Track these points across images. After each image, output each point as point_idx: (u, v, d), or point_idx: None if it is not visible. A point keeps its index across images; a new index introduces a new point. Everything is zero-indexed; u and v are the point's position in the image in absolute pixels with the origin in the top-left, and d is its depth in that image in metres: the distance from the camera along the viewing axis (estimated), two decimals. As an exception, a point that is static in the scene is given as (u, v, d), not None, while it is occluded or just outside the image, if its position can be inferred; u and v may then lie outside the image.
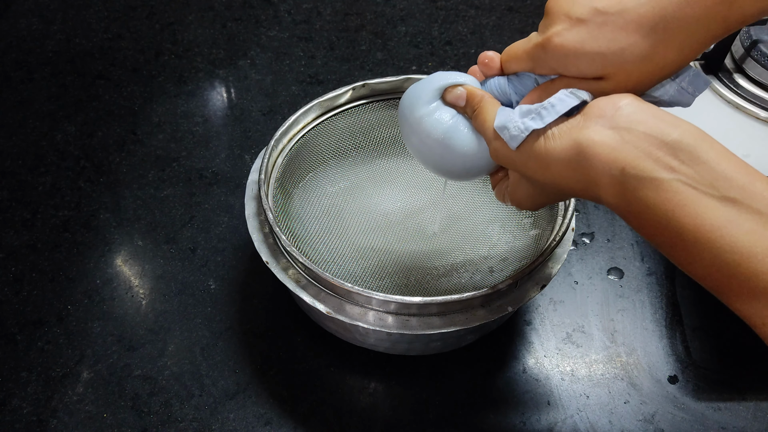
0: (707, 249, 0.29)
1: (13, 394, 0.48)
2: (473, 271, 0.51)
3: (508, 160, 0.36)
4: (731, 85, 0.61)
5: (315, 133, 0.55)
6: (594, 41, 0.33)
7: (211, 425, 0.47)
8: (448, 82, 0.40)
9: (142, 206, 0.62)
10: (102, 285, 0.55)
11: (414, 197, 0.56)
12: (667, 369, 0.51)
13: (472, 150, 0.40)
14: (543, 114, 0.33)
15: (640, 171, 0.30)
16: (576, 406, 0.49)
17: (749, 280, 0.28)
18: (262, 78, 0.75)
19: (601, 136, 0.31)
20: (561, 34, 0.34)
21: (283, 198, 0.52)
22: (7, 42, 0.79)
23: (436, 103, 0.40)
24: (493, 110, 0.37)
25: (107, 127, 0.69)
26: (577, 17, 0.33)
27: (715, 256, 0.28)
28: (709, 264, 0.29)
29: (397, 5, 0.86)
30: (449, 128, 0.40)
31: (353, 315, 0.43)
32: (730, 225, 0.28)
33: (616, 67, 0.33)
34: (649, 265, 0.57)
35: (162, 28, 0.82)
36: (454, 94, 0.40)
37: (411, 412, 0.48)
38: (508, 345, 0.52)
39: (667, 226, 0.29)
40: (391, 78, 0.56)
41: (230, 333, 0.52)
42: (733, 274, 0.28)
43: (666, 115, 0.31)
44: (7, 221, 0.60)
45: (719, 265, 0.28)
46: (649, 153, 0.30)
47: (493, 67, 0.39)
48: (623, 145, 0.30)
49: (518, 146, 0.35)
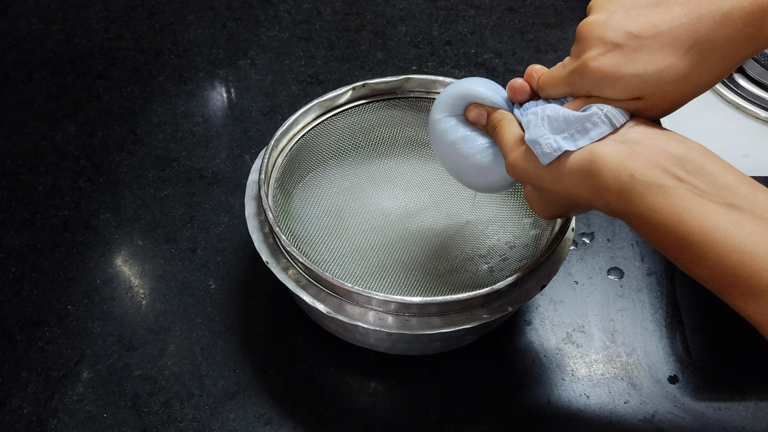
0: (712, 250, 0.30)
1: (13, 394, 0.48)
2: (473, 271, 0.51)
3: (524, 174, 0.37)
4: (731, 85, 0.61)
5: (315, 133, 0.55)
6: (631, 64, 0.34)
7: (211, 425, 0.47)
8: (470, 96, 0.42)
9: (142, 206, 0.62)
10: (102, 285, 0.55)
11: (414, 197, 0.56)
12: (667, 369, 0.51)
13: (488, 163, 0.41)
14: (576, 138, 0.35)
15: (648, 178, 0.31)
16: (576, 406, 0.49)
17: (752, 279, 0.29)
18: (262, 78, 0.75)
19: (611, 147, 0.33)
20: (597, 58, 0.35)
21: (283, 198, 0.52)
22: (7, 42, 0.79)
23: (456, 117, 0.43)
24: (511, 128, 0.39)
25: (107, 127, 0.69)
26: (611, 42, 0.34)
27: (720, 257, 0.29)
28: (714, 265, 0.30)
29: (397, 5, 0.86)
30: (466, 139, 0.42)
31: (353, 315, 0.43)
32: (734, 227, 0.29)
33: (654, 88, 0.34)
34: (649, 265, 0.57)
35: (162, 28, 0.82)
36: (475, 114, 0.42)
37: (411, 412, 0.48)
38: (508, 345, 0.52)
39: (674, 230, 0.31)
40: (391, 78, 0.56)
41: (230, 333, 0.52)
42: (737, 273, 0.29)
43: (673, 134, 0.33)
44: (7, 221, 0.60)
45: (723, 266, 0.29)
46: (657, 163, 0.31)
47: (525, 92, 0.40)
48: (633, 155, 0.32)
49: (534, 159, 0.36)
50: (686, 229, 0.30)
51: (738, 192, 0.30)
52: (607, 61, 0.34)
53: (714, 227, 0.29)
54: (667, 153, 0.32)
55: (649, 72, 0.33)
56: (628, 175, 0.32)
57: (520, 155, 0.37)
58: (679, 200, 0.30)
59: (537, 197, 0.39)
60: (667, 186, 0.31)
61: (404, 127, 0.58)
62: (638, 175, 0.31)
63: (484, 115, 0.41)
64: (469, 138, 0.42)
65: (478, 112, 0.41)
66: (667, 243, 0.31)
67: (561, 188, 0.35)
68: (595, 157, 0.33)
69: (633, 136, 0.33)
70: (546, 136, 0.35)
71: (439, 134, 0.43)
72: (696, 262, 0.31)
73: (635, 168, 0.32)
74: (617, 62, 0.34)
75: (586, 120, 0.35)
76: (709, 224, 0.30)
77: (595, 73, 0.35)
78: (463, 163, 0.42)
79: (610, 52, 0.34)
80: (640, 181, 0.31)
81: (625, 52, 0.34)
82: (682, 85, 0.34)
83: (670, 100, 0.35)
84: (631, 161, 0.32)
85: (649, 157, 0.32)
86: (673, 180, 0.31)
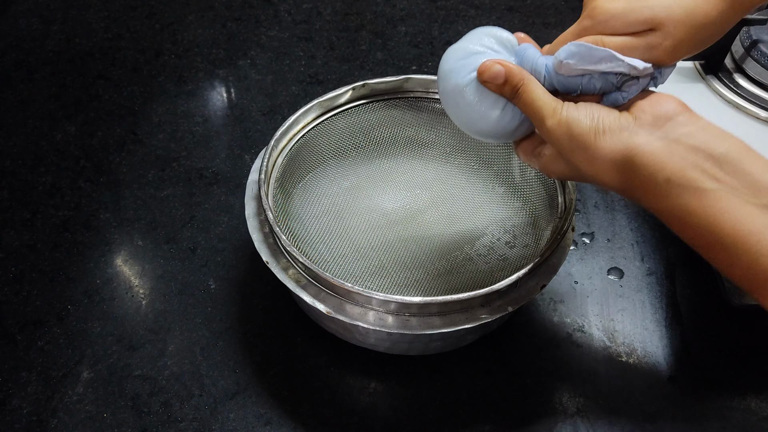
0: (746, 253, 0.30)
1: (13, 394, 0.48)
2: (473, 271, 0.51)
3: (558, 143, 0.36)
4: (731, 85, 0.61)
5: (315, 133, 0.55)
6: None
7: (211, 425, 0.47)
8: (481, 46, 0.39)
9: (142, 206, 0.62)
10: (102, 285, 0.55)
11: (414, 197, 0.56)
12: (667, 369, 0.51)
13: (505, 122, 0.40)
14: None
15: (685, 181, 0.31)
16: (576, 406, 0.49)
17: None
18: (262, 78, 0.75)
19: (651, 146, 0.32)
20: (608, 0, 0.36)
21: (283, 198, 0.52)
22: (7, 42, 0.79)
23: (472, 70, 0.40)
24: (538, 89, 0.37)
25: (107, 127, 0.69)
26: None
27: (753, 260, 0.29)
28: (747, 266, 0.30)
29: (397, 5, 0.86)
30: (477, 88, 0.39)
31: (353, 315, 0.43)
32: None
33: (666, 14, 0.34)
34: (649, 265, 0.57)
35: (162, 28, 0.82)
36: (491, 73, 0.38)
37: (411, 412, 0.48)
38: (508, 345, 0.52)
39: (707, 231, 0.31)
40: (391, 78, 0.56)
41: (230, 333, 0.52)
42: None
43: (714, 128, 0.33)
44: (7, 221, 0.60)
45: (756, 269, 0.29)
46: (696, 164, 0.31)
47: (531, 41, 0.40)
48: (672, 156, 0.32)
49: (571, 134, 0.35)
50: (720, 231, 0.30)
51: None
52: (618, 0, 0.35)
53: (748, 230, 0.29)
54: (706, 153, 0.31)
55: (658, 0, 0.34)
56: (665, 177, 0.31)
57: (558, 125, 0.35)
58: (714, 202, 0.30)
59: (560, 164, 0.38)
60: (704, 188, 0.31)
61: (404, 127, 0.58)
62: (675, 178, 0.31)
63: (502, 74, 0.38)
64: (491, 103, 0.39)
65: (497, 69, 0.38)
66: (700, 242, 0.31)
67: (591, 170, 0.35)
68: (634, 153, 0.33)
69: (673, 131, 0.33)
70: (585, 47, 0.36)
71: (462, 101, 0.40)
72: (728, 262, 0.31)
73: (673, 170, 0.31)
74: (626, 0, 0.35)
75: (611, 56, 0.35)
76: (744, 227, 0.29)
77: (606, 11, 0.35)
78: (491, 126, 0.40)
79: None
80: (676, 184, 0.31)
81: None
82: (694, 11, 0.34)
83: (683, 29, 0.34)
84: (669, 162, 0.32)
85: (687, 158, 0.31)
86: (711, 181, 0.31)
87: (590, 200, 0.63)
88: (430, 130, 0.58)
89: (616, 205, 0.62)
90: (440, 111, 0.57)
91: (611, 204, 0.62)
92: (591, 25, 0.36)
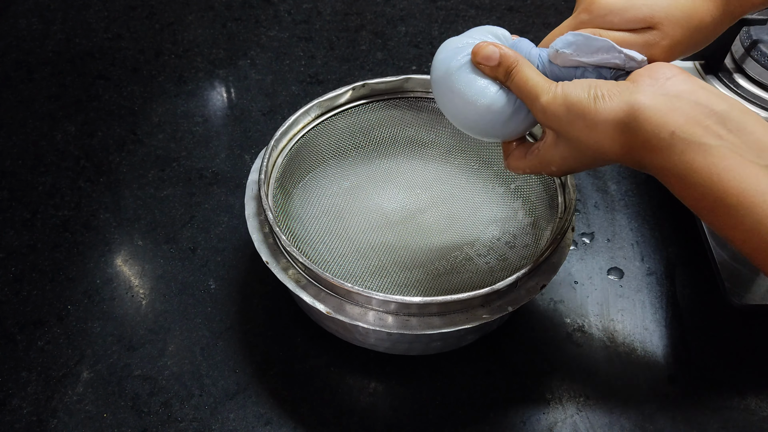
0: (749, 214, 0.29)
1: (13, 394, 0.48)
2: (473, 271, 0.51)
3: (554, 120, 0.35)
4: (731, 85, 0.61)
5: (315, 133, 0.55)
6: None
7: (211, 425, 0.47)
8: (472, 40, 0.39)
9: (142, 206, 0.62)
10: (102, 285, 0.55)
11: (414, 197, 0.56)
12: (667, 369, 0.51)
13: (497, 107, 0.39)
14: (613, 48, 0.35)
15: (689, 135, 0.30)
16: (576, 406, 0.49)
17: None
18: (262, 78, 0.75)
19: (653, 100, 0.32)
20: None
21: (283, 198, 0.52)
22: (7, 42, 0.79)
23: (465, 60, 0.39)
24: (531, 70, 0.37)
25: (107, 127, 0.69)
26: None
27: (756, 222, 0.29)
28: (750, 229, 0.29)
29: (397, 5, 0.86)
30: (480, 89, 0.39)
31: (353, 315, 0.43)
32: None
33: (664, 14, 0.35)
34: (649, 265, 0.57)
35: (162, 28, 0.82)
36: (485, 53, 0.37)
37: (411, 412, 0.48)
38: (508, 345, 0.52)
39: (711, 190, 0.30)
40: (391, 78, 0.56)
41: (230, 333, 0.52)
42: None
43: (713, 89, 0.32)
44: (7, 221, 0.60)
45: (759, 231, 0.29)
46: (699, 120, 0.30)
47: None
48: (674, 110, 0.31)
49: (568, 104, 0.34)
50: (724, 190, 0.29)
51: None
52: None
53: (753, 190, 0.29)
54: (708, 109, 0.31)
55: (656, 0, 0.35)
56: (669, 132, 0.31)
57: (554, 98, 0.35)
58: (719, 159, 0.30)
59: (559, 149, 0.37)
60: (708, 144, 0.30)
61: (404, 127, 0.58)
62: (679, 132, 0.30)
63: (497, 54, 0.37)
64: (483, 86, 0.38)
65: (491, 50, 0.37)
66: (702, 203, 0.31)
67: (592, 138, 0.34)
68: (636, 108, 0.32)
69: (673, 88, 0.32)
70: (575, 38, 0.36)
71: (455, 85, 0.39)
72: (731, 224, 0.30)
73: (676, 124, 0.31)
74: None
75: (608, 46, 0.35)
76: (749, 186, 0.29)
77: (604, 5, 0.35)
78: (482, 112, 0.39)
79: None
80: (680, 139, 0.30)
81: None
82: (691, 14, 0.35)
83: (679, 32, 0.35)
84: (672, 116, 0.31)
85: (690, 114, 0.31)
86: (715, 138, 0.30)
87: (590, 200, 0.63)
88: (430, 130, 0.58)
89: (616, 205, 0.62)
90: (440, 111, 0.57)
91: (611, 204, 0.62)
92: (588, 18, 0.36)
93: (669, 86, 0.32)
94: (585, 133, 0.34)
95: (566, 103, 0.34)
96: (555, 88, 0.35)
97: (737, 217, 0.29)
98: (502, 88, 0.38)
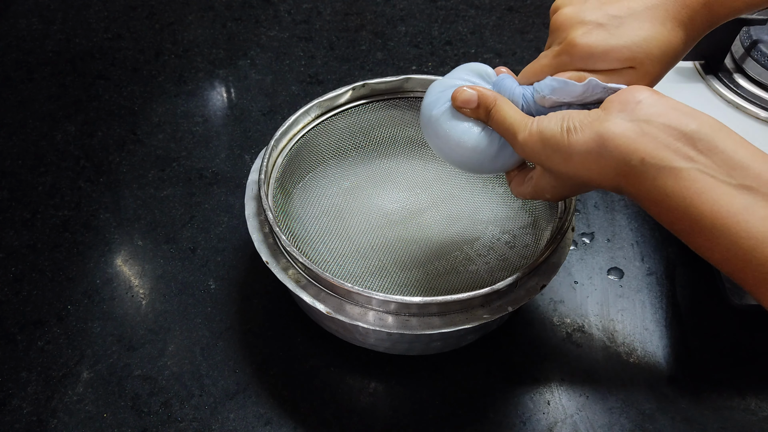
0: (724, 235, 0.29)
1: (13, 394, 0.48)
2: (473, 271, 0.51)
3: (534, 154, 0.37)
4: (731, 85, 0.61)
5: (315, 133, 0.55)
6: (618, 37, 0.36)
7: (211, 425, 0.47)
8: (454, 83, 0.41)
9: (142, 206, 0.62)
10: (102, 285, 0.55)
11: (414, 197, 0.56)
12: (667, 369, 0.51)
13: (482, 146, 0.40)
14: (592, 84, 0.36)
15: (659, 160, 0.31)
16: (576, 406, 0.49)
17: (765, 266, 0.28)
18: (262, 78, 0.75)
19: (621, 128, 0.32)
20: (584, 36, 0.36)
21: (283, 198, 0.52)
22: (7, 42, 0.79)
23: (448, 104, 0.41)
24: (510, 108, 0.38)
25: (107, 127, 0.69)
26: (594, 22, 0.36)
27: (732, 242, 0.29)
28: (726, 249, 0.29)
29: (397, 5, 0.86)
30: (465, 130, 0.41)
31: (353, 315, 0.43)
32: (746, 212, 0.29)
33: (644, 54, 0.35)
34: (649, 265, 0.57)
35: (162, 28, 0.82)
36: (464, 97, 0.40)
37: (411, 412, 0.48)
38: (508, 345, 0.52)
39: (686, 213, 0.30)
40: (391, 78, 0.56)
41: (230, 333, 0.52)
42: (750, 259, 0.29)
43: (684, 107, 0.32)
44: (7, 221, 0.60)
45: (736, 251, 0.29)
46: (668, 144, 0.31)
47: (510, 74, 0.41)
48: (643, 136, 0.31)
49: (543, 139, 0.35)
50: (698, 213, 0.30)
51: (751, 170, 0.29)
52: (594, 37, 0.36)
53: (726, 211, 0.29)
54: (678, 131, 0.31)
55: (636, 41, 0.35)
56: (639, 158, 0.31)
57: (530, 135, 0.36)
58: (690, 182, 0.30)
59: (546, 179, 0.39)
60: (679, 168, 0.30)
61: (404, 127, 0.58)
62: (649, 158, 0.31)
63: (474, 98, 0.39)
64: (467, 128, 0.40)
65: (469, 93, 0.39)
66: (680, 226, 0.31)
67: (570, 169, 0.35)
68: (605, 138, 0.32)
69: (642, 113, 0.32)
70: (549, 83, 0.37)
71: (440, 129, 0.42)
72: (708, 246, 0.30)
73: (646, 150, 0.31)
74: (604, 37, 0.36)
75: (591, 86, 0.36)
76: (722, 208, 0.29)
77: (585, 49, 0.36)
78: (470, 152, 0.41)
79: (594, 30, 0.36)
80: (651, 164, 0.31)
81: (608, 29, 0.36)
82: (667, 49, 0.36)
83: (657, 67, 0.36)
84: (641, 143, 0.31)
85: (659, 138, 0.31)
86: (685, 161, 0.30)
87: (590, 200, 0.63)
88: (430, 130, 0.58)
89: (616, 205, 0.62)
90: None
91: (611, 204, 0.62)
92: (569, 61, 0.37)
93: (638, 111, 0.32)
94: (563, 165, 0.35)
95: (542, 139, 0.35)
96: (531, 124, 0.37)
97: (713, 238, 0.30)
98: (485, 128, 0.40)
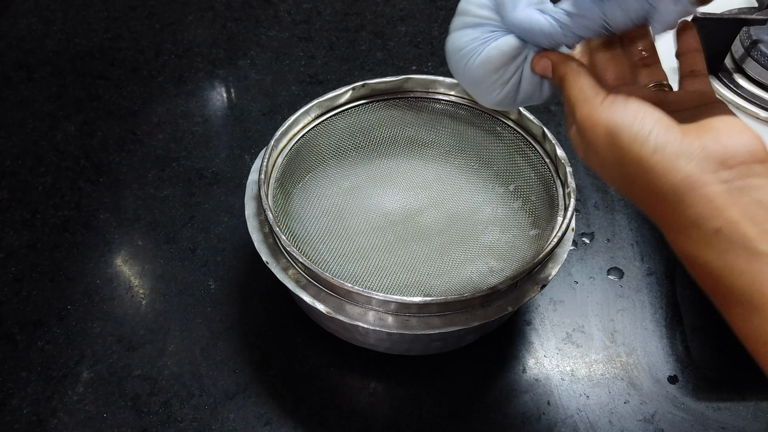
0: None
1: (13, 394, 0.48)
2: (473, 271, 0.51)
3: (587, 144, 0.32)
4: (731, 85, 0.61)
5: (315, 133, 0.55)
6: None
7: (211, 425, 0.47)
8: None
9: (142, 206, 0.62)
10: (102, 285, 0.55)
11: (414, 197, 0.56)
12: (667, 369, 0.51)
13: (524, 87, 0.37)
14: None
15: (738, 237, 0.26)
16: (576, 406, 0.49)
17: None
18: (262, 78, 0.75)
19: (710, 187, 0.27)
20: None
21: (283, 198, 0.52)
22: (7, 42, 0.79)
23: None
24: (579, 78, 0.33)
25: (107, 127, 0.69)
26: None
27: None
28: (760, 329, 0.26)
29: (397, 5, 0.86)
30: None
31: (353, 315, 0.43)
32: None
33: None
34: (649, 265, 0.57)
35: (162, 28, 0.82)
36: (541, 66, 0.35)
37: (411, 412, 0.48)
38: (508, 345, 0.52)
39: (745, 295, 0.27)
40: (391, 78, 0.56)
41: (230, 333, 0.52)
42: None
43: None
44: (7, 221, 0.60)
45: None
46: (757, 222, 0.26)
47: None
48: (731, 205, 0.27)
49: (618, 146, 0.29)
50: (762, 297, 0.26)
51: None
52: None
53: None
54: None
55: None
56: (716, 227, 0.27)
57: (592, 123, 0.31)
58: (765, 266, 0.26)
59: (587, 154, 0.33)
60: (758, 251, 0.26)
61: (404, 127, 0.58)
62: (728, 231, 0.26)
63: (549, 67, 0.35)
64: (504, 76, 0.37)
65: (543, 64, 0.35)
66: (725, 298, 0.28)
67: (626, 185, 0.30)
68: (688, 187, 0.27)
69: (742, 179, 0.27)
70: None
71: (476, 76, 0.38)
72: (746, 317, 0.27)
73: (728, 221, 0.26)
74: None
75: None
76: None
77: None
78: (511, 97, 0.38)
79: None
80: (726, 238, 0.26)
81: None
82: None
83: None
84: (727, 211, 0.26)
85: (748, 213, 0.26)
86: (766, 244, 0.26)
87: (590, 200, 0.63)
88: (430, 130, 0.58)
89: (616, 205, 0.62)
90: (440, 111, 0.57)
91: (611, 204, 0.62)
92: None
93: (737, 174, 0.27)
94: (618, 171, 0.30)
95: (609, 134, 0.30)
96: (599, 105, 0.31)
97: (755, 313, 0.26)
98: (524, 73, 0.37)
